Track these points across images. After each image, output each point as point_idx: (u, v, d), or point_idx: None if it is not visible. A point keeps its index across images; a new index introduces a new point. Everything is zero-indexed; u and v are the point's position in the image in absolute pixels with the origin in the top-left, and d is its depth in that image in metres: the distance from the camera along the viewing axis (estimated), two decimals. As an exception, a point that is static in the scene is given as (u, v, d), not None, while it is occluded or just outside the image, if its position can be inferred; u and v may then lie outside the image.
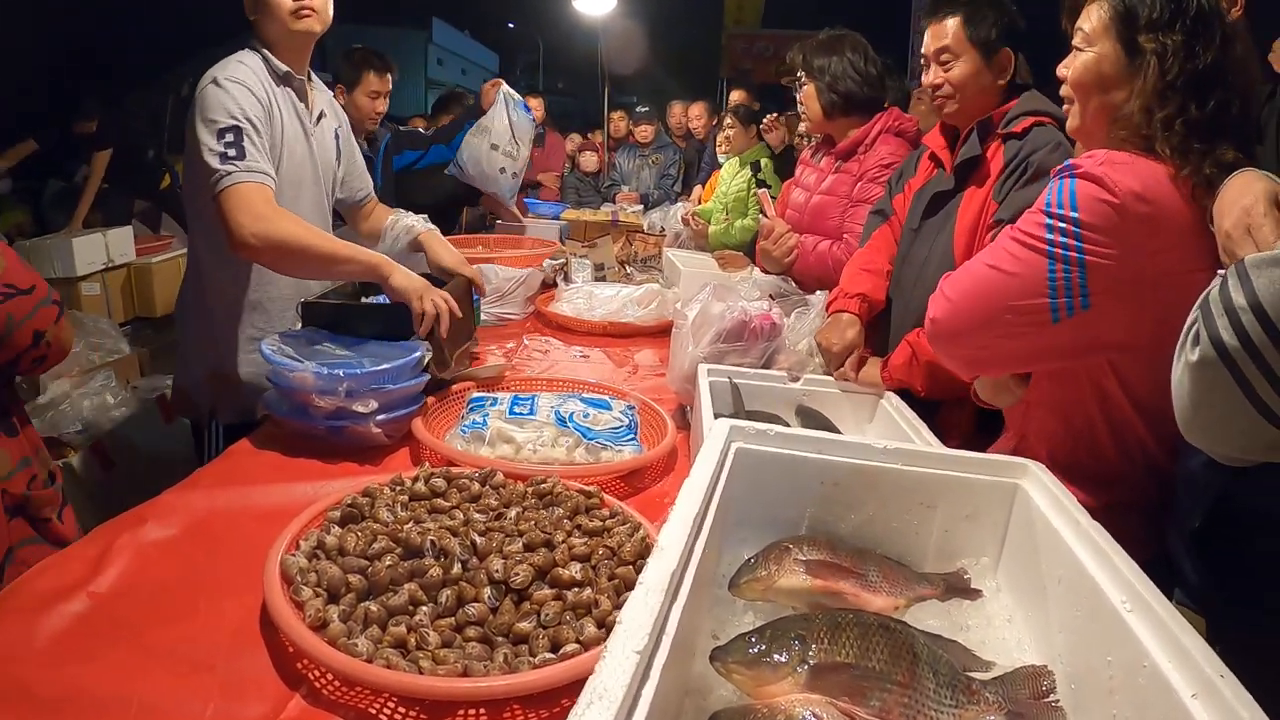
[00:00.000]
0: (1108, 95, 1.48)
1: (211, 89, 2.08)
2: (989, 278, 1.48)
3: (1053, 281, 1.39)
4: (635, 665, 0.68)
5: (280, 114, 2.24)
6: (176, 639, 1.19)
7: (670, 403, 2.21)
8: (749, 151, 4.87)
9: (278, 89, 2.25)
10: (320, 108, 2.44)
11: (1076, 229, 1.36)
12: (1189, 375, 1.06)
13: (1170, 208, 1.34)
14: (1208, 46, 1.38)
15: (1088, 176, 1.37)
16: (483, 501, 1.49)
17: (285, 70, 2.27)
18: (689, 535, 0.91)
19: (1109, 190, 1.34)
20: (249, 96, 2.10)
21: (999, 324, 1.47)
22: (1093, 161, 1.38)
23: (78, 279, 5.29)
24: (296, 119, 2.32)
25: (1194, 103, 1.37)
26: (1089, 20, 1.49)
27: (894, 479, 1.22)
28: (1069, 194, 1.38)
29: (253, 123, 2.08)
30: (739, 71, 11.73)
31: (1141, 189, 1.33)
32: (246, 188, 2.00)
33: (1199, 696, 0.75)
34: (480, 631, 1.16)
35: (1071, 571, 1.01)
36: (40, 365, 1.68)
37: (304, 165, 2.36)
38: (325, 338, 2.01)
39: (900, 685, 0.87)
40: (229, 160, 2.01)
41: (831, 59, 2.88)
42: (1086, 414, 1.51)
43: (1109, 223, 1.34)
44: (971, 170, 2.09)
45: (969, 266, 1.56)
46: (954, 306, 1.54)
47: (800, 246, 2.92)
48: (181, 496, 1.61)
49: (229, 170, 2.00)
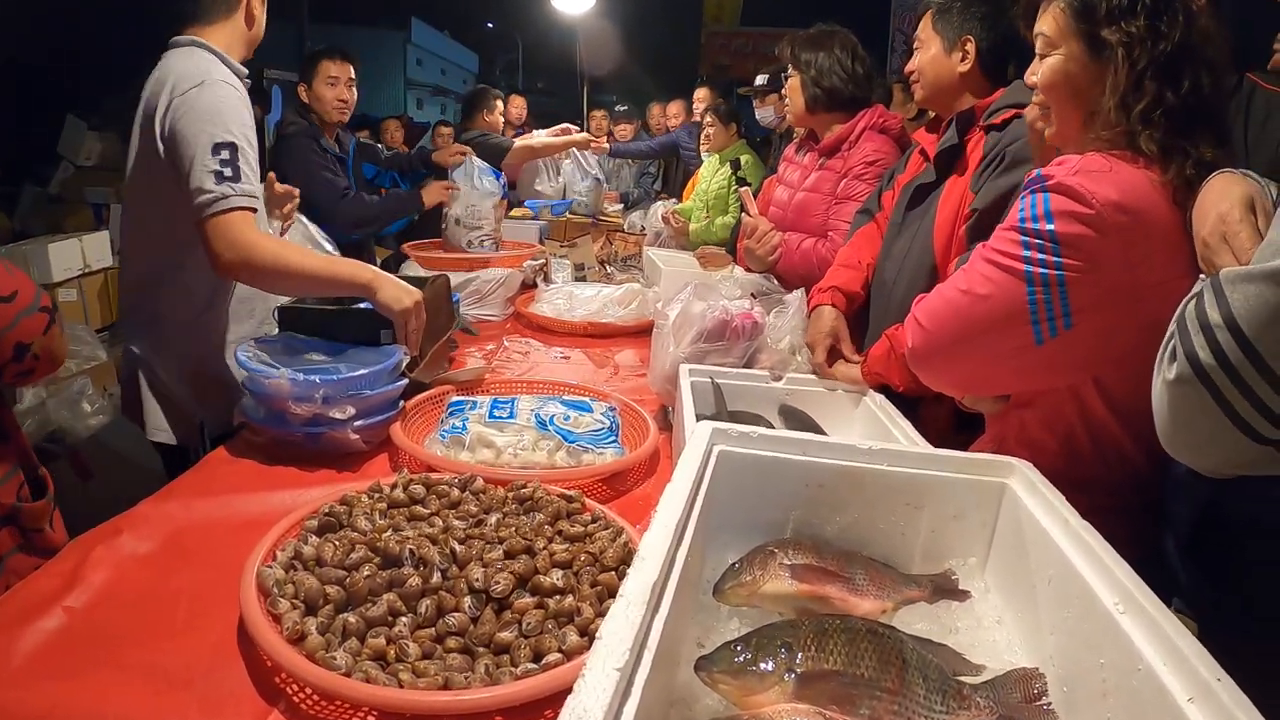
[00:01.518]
0: (1080, 96, 1.45)
1: (207, 91, 1.99)
2: (964, 304, 1.45)
3: (1033, 304, 1.36)
4: (615, 683, 0.66)
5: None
6: (153, 655, 1.16)
7: (652, 404, 2.20)
8: (729, 149, 4.86)
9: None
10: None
11: (1054, 244, 1.33)
12: (1167, 393, 1.04)
13: (1151, 215, 1.30)
14: (1172, 25, 1.35)
15: (1060, 188, 1.33)
16: (462, 508, 1.47)
17: (243, 73, 2.18)
18: (671, 543, 0.89)
19: (1084, 202, 1.30)
20: (244, 109, 2.03)
21: (980, 350, 1.46)
22: (1065, 170, 1.35)
23: (54, 285, 5.25)
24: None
25: (1169, 88, 1.34)
26: (1047, 23, 1.46)
27: (879, 480, 1.21)
28: (1043, 207, 1.34)
29: (249, 139, 2.00)
30: (717, 69, 11.73)
31: (1120, 198, 1.30)
32: (239, 215, 1.94)
33: (1195, 700, 0.73)
34: (461, 642, 1.13)
35: (1062, 572, 1.00)
36: (27, 378, 1.53)
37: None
38: (302, 343, 1.98)
39: (889, 692, 0.86)
40: (225, 181, 1.93)
41: (819, 54, 2.88)
42: (1065, 420, 1.49)
43: (1087, 236, 1.31)
44: (951, 161, 2.10)
45: (942, 291, 1.52)
46: (929, 335, 1.51)
47: (784, 244, 2.91)
48: (157, 507, 1.59)
49: (225, 194, 1.92)
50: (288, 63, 5.59)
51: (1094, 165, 1.34)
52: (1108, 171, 1.32)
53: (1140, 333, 1.32)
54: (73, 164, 6.72)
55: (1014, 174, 1.88)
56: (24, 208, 6.76)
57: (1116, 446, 1.46)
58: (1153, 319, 1.32)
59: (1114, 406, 1.44)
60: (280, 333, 2.07)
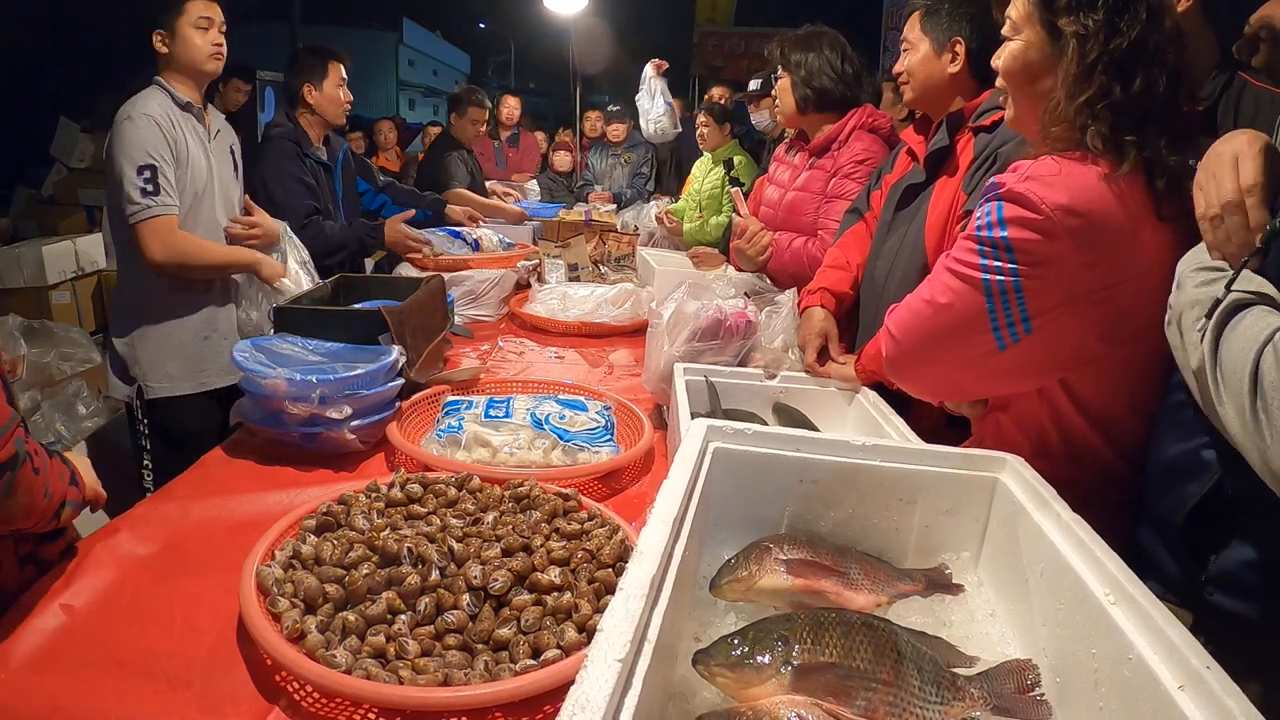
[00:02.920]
0: (1036, 84, 1.46)
1: (128, 125, 2.58)
2: (927, 313, 1.46)
3: (991, 310, 1.37)
4: (617, 674, 0.67)
5: (184, 136, 2.69)
6: (153, 653, 1.17)
7: (646, 403, 2.21)
8: (721, 149, 4.86)
9: (180, 115, 2.70)
10: (217, 128, 2.92)
11: (1008, 251, 1.33)
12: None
13: (1103, 215, 1.30)
14: (1132, 23, 1.34)
15: (1011, 195, 1.34)
16: (460, 506, 1.48)
17: (186, 100, 2.73)
18: (669, 538, 0.90)
19: (1034, 208, 1.31)
20: (158, 135, 2.59)
21: (946, 358, 1.47)
22: (1015, 177, 1.35)
23: (48, 287, 5.23)
24: (197, 139, 2.77)
25: (1117, 84, 1.34)
26: (1014, 7, 1.47)
27: (872, 475, 1.22)
28: (996, 215, 1.35)
29: (164, 158, 2.60)
30: (710, 69, 11.72)
31: (1069, 201, 1.30)
32: (160, 221, 2.58)
33: (1186, 688, 0.75)
34: (460, 639, 1.14)
35: (1053, 564, 1.01)
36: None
37: (203, 175, 2.77)
38: (299, 343, 1.99)
39: (885, 683, 0.87)
40: (147, 195, 2.55)
41: (809, 55, 2.88)
42: (1037, 422, 1.50)
43: (1038, 241, 1.31)
44: (942, 162, 2.11)
45: (909, 301, 1.53)
46: (899, 345, 1.53)
47: (775, 244, 2.92)
48: (155, 508, 1.59)
49: (147, 205, 2.55)
50: (280, 64, 5.56)
51: (1044, 170, 1.34)
52: (1056, 175, 1.33)
53: (1103, 337, 1.34)
54: (66, 166, 6.69)
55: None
56: (17, 210, 6.72)
57: (1089, 447, 1.47)
58: (1117, 318, 1.33)
59: (1083, 408, 1.45)
60: (277, 332, 2.08)
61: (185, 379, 2.80)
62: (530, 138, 8.67)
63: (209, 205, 2.80)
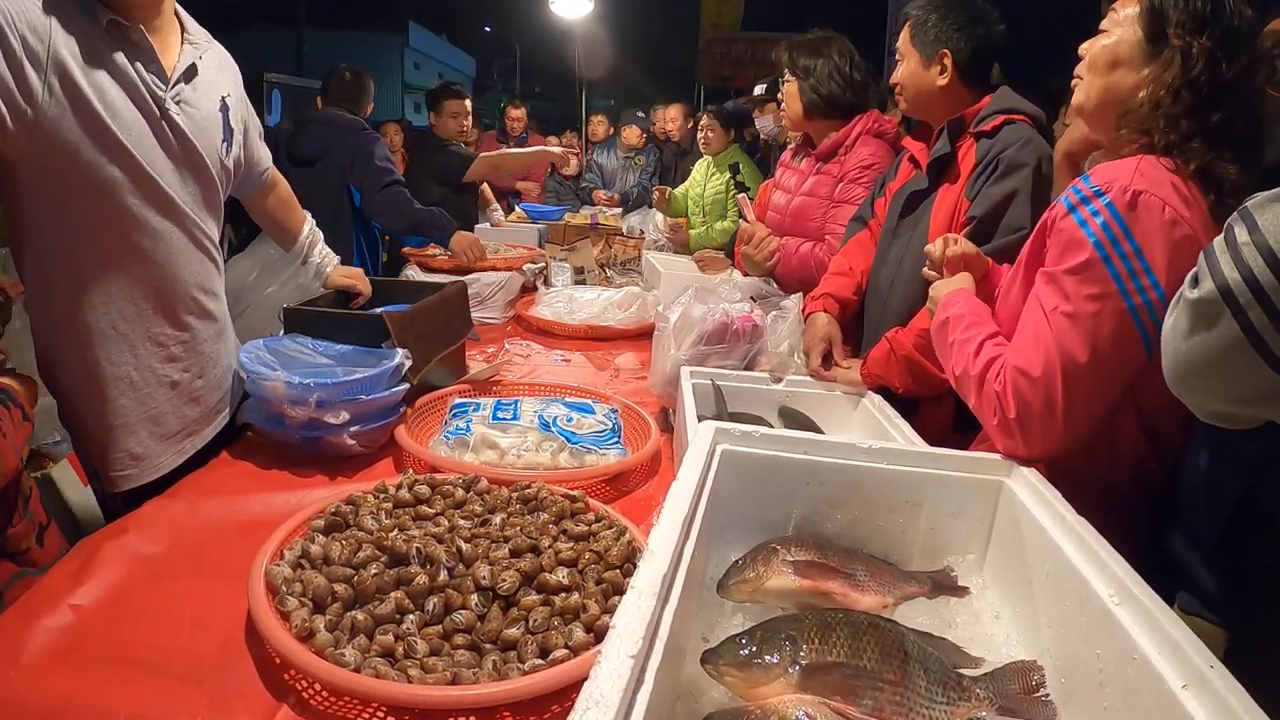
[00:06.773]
0: (1114, 75, 1.44)
1: None
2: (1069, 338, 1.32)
3: (1136, 315, 1.27)
4: (630, 670, 0.68)
5: (70, 43, 1.55)
6: (162, 652, 1.18)
7: (652, 406, 2.21)
8: (725, 153, 4.87)
9: (102, 44, 1.61)
10: (187, 63, 1.78)
11: (1142, 260, 1.25)
12: (1186, 314, 0.99)
13: (1187, 219, 1.26)
14: (1232, 61, 1.33)
15: (1130, 200, 1.26)
16: (468, 508, 1.48)
17: (111, 18, 1.62)
18: (679, 538, 0.91)
19: (1156, 209, 1.25)
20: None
21: (1101, 388, 1.33)
22: (1122, 177, 1.29)
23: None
24: (133, 85, 1.66)
25: (1205, 108, 1.32)
26: (1123, 7, 1.45)
27: (879, 478, 1.23)
28: (1115, 221, 1.27)
29: None
30: (719, 79, 11.72)
31: (1179, 201, 1.26)
32: None
33: (1190, 688, 0.75)
34: (468, 639, 1.15)
35: (1058, 566, 1.02)
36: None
37: (150, 151, 1.70)
38: (308, 345, 1.99)
39: (892, 683, 0.87)
40: None
41: (817, 60, 2.89)
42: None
43: (1168, 240, 1.25)
44: (944, 169, 2.12)
45: (1038, 343, 1.35)
46: (1035, 386, 1.33)
47: (782, 249, 2.93)
48: (163, 507, 1.60)
49: None
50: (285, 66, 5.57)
51: (1142, 168, 1.30)
52: (1153, 170, 1.29)
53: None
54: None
55: (1009, 180, 1.91)
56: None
57: (1132, 444, 1.42)
58: None
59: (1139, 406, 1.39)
60: (286, 333, 2.09)
61: None
62: (540, 141, 8.68)
63: (164, 202, 1.74)
